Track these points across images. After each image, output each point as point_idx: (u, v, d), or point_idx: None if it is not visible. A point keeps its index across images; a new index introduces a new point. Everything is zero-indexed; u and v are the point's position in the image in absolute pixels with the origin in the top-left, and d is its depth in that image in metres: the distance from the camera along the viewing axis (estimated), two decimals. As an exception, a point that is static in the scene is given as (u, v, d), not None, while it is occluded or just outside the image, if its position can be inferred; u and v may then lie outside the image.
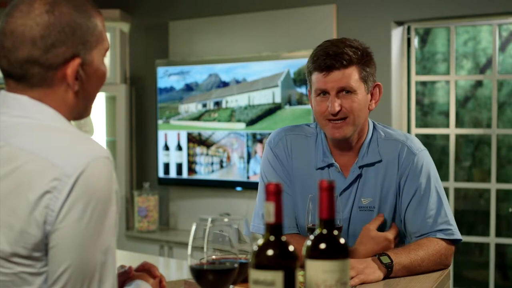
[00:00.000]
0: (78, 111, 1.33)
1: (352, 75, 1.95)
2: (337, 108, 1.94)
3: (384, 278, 1.84)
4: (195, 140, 4.73)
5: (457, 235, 1.99)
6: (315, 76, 1.98)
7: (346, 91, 1.95)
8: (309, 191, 1.90)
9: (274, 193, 1.15)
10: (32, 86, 1.27)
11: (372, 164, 2.03)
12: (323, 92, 1.97)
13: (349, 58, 1.94)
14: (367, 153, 2.04)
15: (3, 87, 1.31)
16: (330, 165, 2.05)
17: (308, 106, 4.20)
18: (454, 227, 2.00)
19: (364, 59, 1.97)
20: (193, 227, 1.34)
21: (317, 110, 2.00)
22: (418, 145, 2.05)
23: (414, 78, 4.30)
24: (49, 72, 1.26)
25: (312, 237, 1.19)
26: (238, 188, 4.55)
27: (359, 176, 2.03)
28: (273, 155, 2.11)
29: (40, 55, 1.24)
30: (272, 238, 1.15)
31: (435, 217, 1.98)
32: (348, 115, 1.96)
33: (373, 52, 2.03)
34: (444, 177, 4.11)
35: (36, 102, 1.26)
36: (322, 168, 2.06)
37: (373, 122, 2.10)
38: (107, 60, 1.37)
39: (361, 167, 2.03)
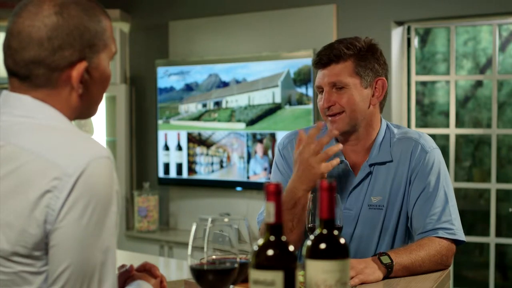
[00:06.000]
0: (82, 112, 1.33)
1: (343, 70, 1.99)
2: (327, 104, 2.00)
3: (384, 278, 1.84)
4: (195, 140, 4.73)
5: (459, 235, 1.99)
6: (317, 75, 2.05)
7: (338, 86, 1.99)
8: None
9: (274, 193, 1.15)
10: (36, 86, 1.26)
11: (383, 163, 2.04)
12: (321, 89, 2.03)
13: (339, 53, 1.98)
14: (378, 151, 2.05)
15: (6, 87, 1.31)
16: (339, 163, 2.06)
17: (308, 106, 4.20)
18: (456, 227, 1.99)
19: (360, 53, 1.99)
20: (193, 227, 1.34)
21: (319, 107, 2.06)
22: (430, 143, 2.06)
23: (414, 78, 4.30)
24: (54, 74, 1.26)
25: (312, 237, 1.19)
26: (238, 188, 4.55)
27: (370, 174, 2.04)
28: (280, 157, 2.16)
29: (46, 57, 1.24)
30: (272, 238, 1.15)
31: (439, 215, 1.98)
32: (343, 110, 1.99)
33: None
34: (444, 177, 4.11)
35: (37, 101, 1.26)
36: None
37: (386, 122, 2.11)
38: (107, 60, 1.37)
39: (371, 165, 2.04)
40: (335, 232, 1.19)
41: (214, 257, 1.31)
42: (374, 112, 2.05)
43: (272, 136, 4.38)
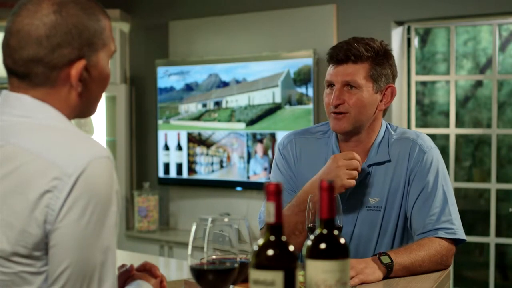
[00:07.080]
0: (81, 111, 1.33)
1: (360, 71, 1.98)
2: (336, 101, 1.99)
3: (384, 278, 1.84)
4: (195, 140, 4.73)
5: (460, 235, 1.98)
6: (328, 69, 2.04)
7: (350, 86, 1.98)
8: None
9: (274, 193, 1.15)
10: (35, 85, 1.27)
11: (382, 163, 2.04)
12: (331, 85, 2.02)
13: (359, 54, 1.98)
14: (377, 152, 2.05)
15: (6, 87, 1.31)
16: None
17: (308, 106, 4.20)
18: (457, 226, 1.99)
19: (377, 58, 2.00)
20: (193, 227, 1.34)
21: (324, 101, 2.05)
22: (428, 143, 2.06)
23: (414, 78, 4.30)
24: (53, 72, 1.26)
25: (312, 237, 1.19)
26: (238, 188, 4.55)
27: (368, 175, 2.04)
28: (280, 157, 2.15)
29: (45, 55, 1.24)
30: (272, 238, 1.15)
31: (439, 215, 1.97)
32: (349, 110, 1.98)
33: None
34: (444, 177, 4.11)
35: (37, 101, 1.26)
36: None
37: (386, 123, 2.11)
38: (107, 60, 1.38)
39: (370, 166, 2.04)
40: (335, 232, 1.19)
41: (214, 257, 1.31)
42: (378, 117, 2.06)
43: (272, 136, 4.38)
